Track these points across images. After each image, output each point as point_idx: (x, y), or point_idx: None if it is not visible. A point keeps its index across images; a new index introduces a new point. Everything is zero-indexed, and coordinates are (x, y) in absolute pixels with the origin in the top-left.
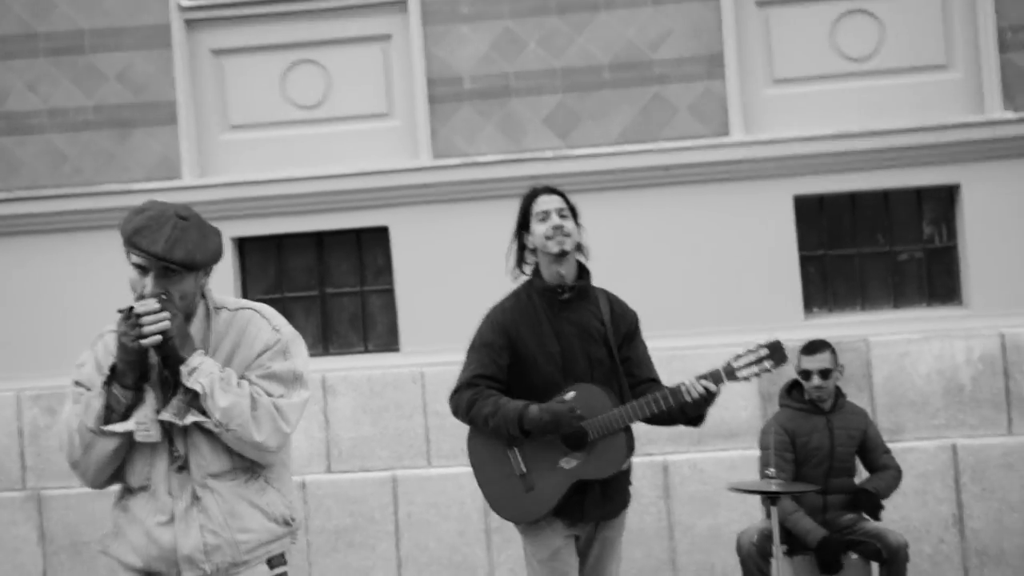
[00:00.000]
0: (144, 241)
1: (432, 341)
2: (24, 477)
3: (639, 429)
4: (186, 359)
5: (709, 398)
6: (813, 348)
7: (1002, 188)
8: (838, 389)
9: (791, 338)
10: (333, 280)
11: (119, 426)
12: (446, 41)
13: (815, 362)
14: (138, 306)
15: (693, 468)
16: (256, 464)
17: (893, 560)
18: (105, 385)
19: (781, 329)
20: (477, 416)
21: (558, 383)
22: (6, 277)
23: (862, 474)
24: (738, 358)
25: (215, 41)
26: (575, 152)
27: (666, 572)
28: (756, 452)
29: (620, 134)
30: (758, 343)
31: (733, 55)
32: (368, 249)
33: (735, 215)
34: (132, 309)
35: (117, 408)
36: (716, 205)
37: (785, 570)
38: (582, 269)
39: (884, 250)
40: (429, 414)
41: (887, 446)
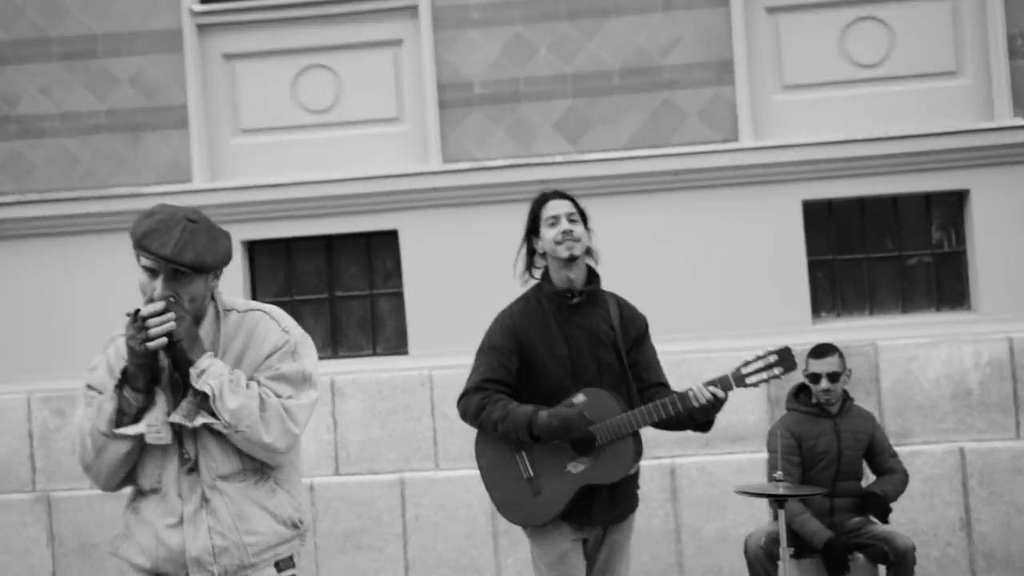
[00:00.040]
0: (154, 244)
1: (441, 344)
2: (34, 479)
3: (647, 431)
4: (195, 361)
5: (717, 404)
6: (821, 352)
7: (1011, 194)
8: (845, 393)
9: (799, 342)
10: (342, 283)
11: (130, 429)
12: (457, 46)
13: (823, 366)
14: (144, 309)
15: (701, 471)
16: (266, 465)
17: (900, 563)
18: (116, 388)
19: (789, 333)
20: (486, 421)
21: (567, 387)
22: (18, 279)
23: (868, 478)
24: (747, 364)
25: (227, 45)
26: (585, 157)
27: (673, 575)
28: (764, 455)
29: (630, 139)
30: (767, 349)
31: (743, 61)
32: (377, 252)
33: (744, 220)
34: (138, 312)
35: (128, 411)
36: (725, 210)
37: (792, 572)
38: (592, 273)
39: (893, 255)
40: (437, 417)
41: (894, 450)
